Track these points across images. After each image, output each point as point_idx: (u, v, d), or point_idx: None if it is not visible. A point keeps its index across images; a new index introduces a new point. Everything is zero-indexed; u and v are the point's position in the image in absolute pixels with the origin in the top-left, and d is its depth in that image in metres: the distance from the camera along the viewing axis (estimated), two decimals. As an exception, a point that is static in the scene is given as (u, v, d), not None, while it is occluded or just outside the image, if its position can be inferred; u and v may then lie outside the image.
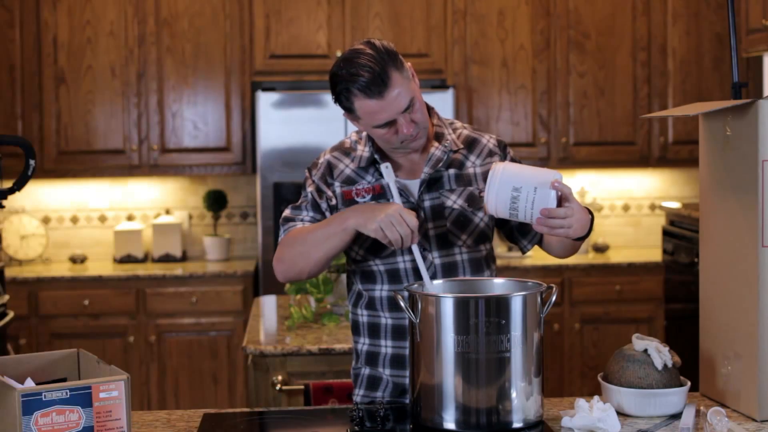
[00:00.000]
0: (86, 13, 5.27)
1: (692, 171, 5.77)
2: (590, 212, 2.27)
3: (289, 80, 5.42)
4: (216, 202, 5.53)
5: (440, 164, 2.38)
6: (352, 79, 2.22)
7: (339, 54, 5.29)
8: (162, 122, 5.33)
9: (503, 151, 2.46)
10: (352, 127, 5.09)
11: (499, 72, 5.42)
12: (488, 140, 2.46)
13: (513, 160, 2.46)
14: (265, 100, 5.16)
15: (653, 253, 5.55)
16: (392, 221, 2.15)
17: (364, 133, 2.43)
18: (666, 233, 5.23)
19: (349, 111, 2.29)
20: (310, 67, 5.34)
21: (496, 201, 2.12)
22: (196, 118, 5.35)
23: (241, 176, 5.62)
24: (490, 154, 2.44)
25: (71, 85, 5.29)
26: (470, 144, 2.44)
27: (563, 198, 2.16)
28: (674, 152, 5.50)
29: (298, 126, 5.16)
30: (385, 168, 2.28)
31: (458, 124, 2.48)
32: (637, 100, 5.47)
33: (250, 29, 5.32)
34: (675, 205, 5.26)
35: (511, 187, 2.11)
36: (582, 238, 2.25)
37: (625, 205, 5.86)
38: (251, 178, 5.64)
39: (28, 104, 5.27)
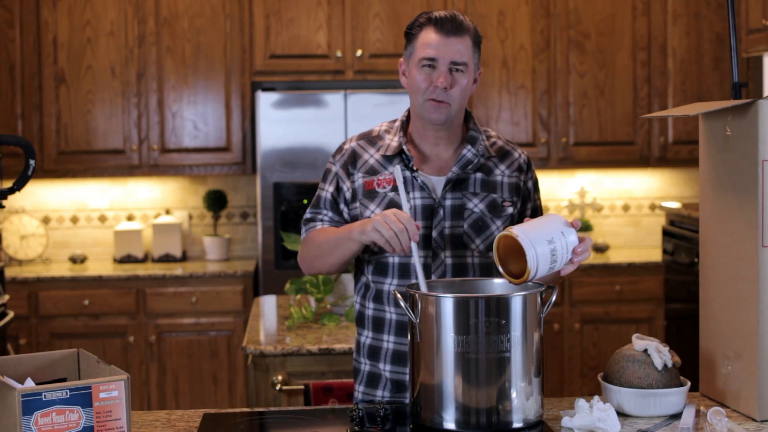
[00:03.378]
0: (86, 13, 5.27)
1: (692, 171, 5.77)
2: None
3: (289, 80, 5.42)
4: (216, 202, 5.53)
5: (469, 166, 2.41)
6: (433, 16, 2.36)
7: (339, 54, 5.30)
8: (162, 122, 5.33)
9: (528, 170, 2.50)
10: (352, 128, 5.10)
11: (499, 72, 5.42)
12: (519, 155, 2.50)
13: (535, 182, 2.50)
14: (265, 100, 5.16)
15: (653, 253, 5.55)
16: (386, 220, 2.18)
17: (397, 123, 2.47)
18: (666, 233, 5.23)
19: (410, 42, 2.39)
20: (310, 67, 5.34)
21: (539, 261, 2.06)
22: (196, 118, 5.35)
23: (241, 176, 5.62)
24: (519, 169, 2.47)
25: (71, 85, 5.29)
26: (503, 155, 2.47)
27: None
28: (674, 152, 5.51)
29: (298, 126, 5.16)
30: (396, 169, 2.25)
31: (493, 133, 2.52)
32: (637, 100, 5.47)
33: (250, 29, 5.32)
34: (675, 205, 5.26)
35: (544, 241, 2.07)
36: None
37: (625, 205, 5.86)
38: (251, 178, 5.64)
39: (28, 104, 5.27)
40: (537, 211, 2.50)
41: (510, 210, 2.41)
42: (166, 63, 5.31)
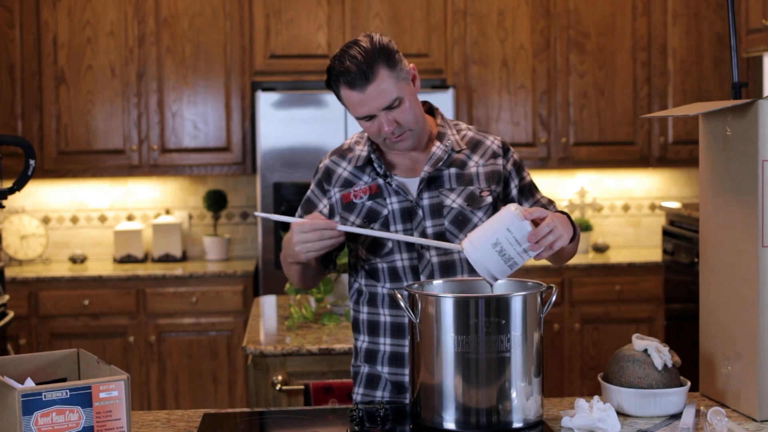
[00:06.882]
0: (86, 13, 5.27)
1: (692, 171, 5.77)
2: (564, 212, 2.25)
3: (289, 80, 5.42)
4: (216, 202, 5.53)
5: (441, 163, 2.40)
6: (339, 69, 2.27)
7: (339, 54, 5.30)
8: (162, 122, 5.33)
9: (506, 153, 2.47)
10: (352, 128, 5.10)
11: (499, 72, 5.42)
12: (492, 141, 2.47)
13: (515, 162, 2.47)
14: (265, 100, 5.16)
15: (653, 253, 5.55)
16: (305, 240, 2.19)
17: (365, 133, 2.45)
18: (666, 233, 5.23)
19: (339, 99, 2.34)
20: (310, 67, 5.34)
21: (490, 268, 2.06)
22: (196, 118, 5.35)
23: (241, 176, 5.62)
24: (494, 155, 2.45)
25: (71, 85, 5.29)
26: (474, 145, 2.45)
27: (536, 219, 2.10)
28: (674, 152, 5.51)
29: (298, 126, 5.16)
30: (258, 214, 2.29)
31: (463, 125, 2.50)
32: (637, 100, 5.47)
33: (250, 29, 5.32)
34: (675, 205, 5.26)
35: (488, 246, 2.05)
36: (574, 238, 2.24)
37: (625, 205, 5.86)
38: (251, 178, 5.64)
39: (28, 104, 5.27)
40: (526, 189, 2.47)
41: (489, 200, 2.39)
42: (166, 63, 5.31)
